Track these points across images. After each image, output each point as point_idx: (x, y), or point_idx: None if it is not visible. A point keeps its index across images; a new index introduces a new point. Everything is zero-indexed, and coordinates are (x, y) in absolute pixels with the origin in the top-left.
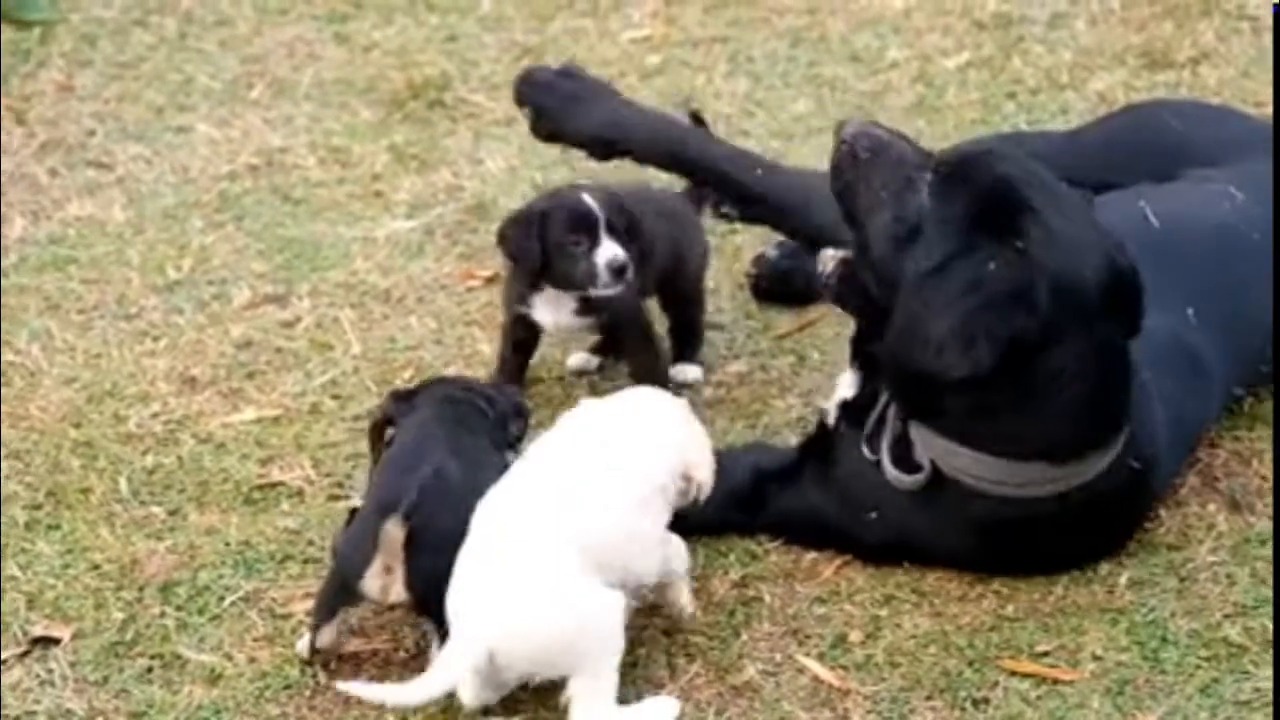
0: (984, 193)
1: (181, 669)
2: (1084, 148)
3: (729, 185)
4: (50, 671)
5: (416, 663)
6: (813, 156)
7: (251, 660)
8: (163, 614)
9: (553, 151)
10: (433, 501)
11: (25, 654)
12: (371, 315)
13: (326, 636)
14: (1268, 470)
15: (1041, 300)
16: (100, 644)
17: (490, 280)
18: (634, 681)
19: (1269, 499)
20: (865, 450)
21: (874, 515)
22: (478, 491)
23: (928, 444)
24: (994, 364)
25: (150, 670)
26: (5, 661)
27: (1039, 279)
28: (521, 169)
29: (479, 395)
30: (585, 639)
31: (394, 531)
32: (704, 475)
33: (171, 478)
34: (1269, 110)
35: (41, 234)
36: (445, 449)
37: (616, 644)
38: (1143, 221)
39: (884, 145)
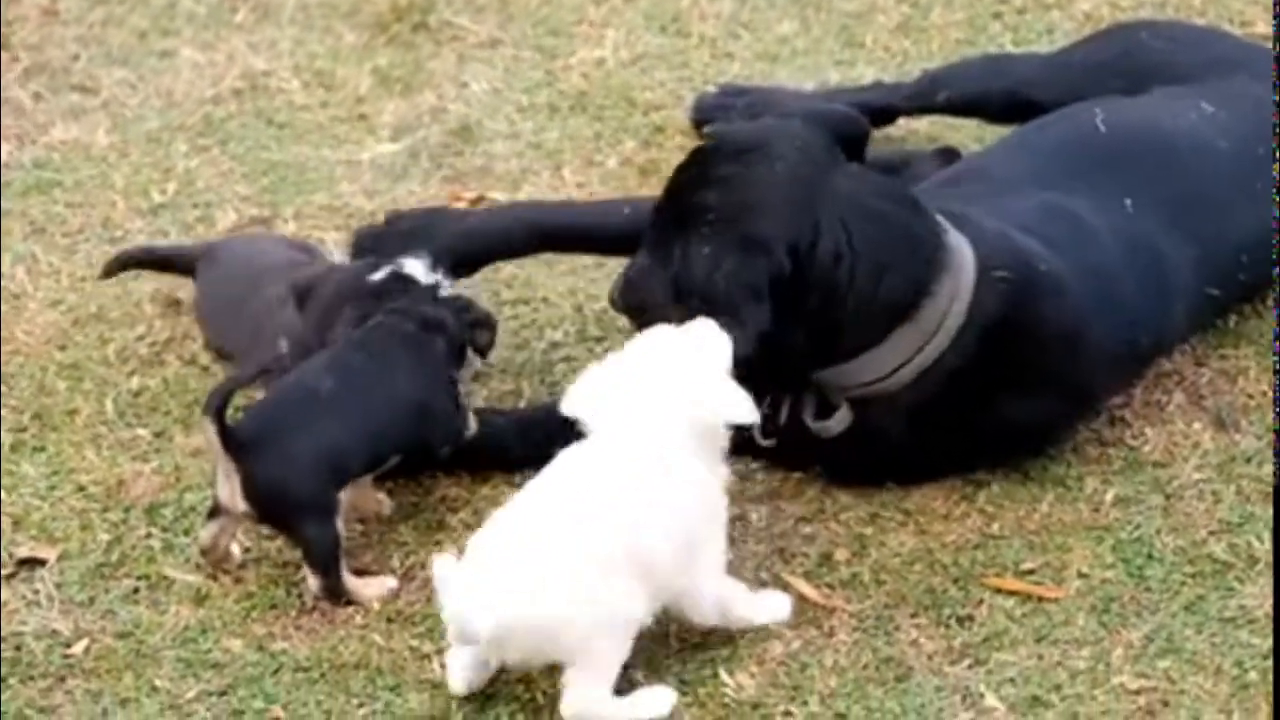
0: (661, 216)
1: (168, 589)
2: (1064, 69)
3: (603, 238)
4: (36, 593)
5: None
6: (798, 77)
7: (237, 581)
8: (149, 535)
9: (537, 73)
10: (275, 410)
11: (11, 575)
12: None
13: (204, 535)
14: (1253, 388)
15: (754, 233)
16: (86, 565)
17: (475, 202)
18: None
19: (1254, 417)
20: (759, 437)
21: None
22: (364, 409)
23: (831, 387)
24: (773, 310)
25: (136, 591)
26: None
27: (734, 221)
28: (505, 91)
29: (421, 313)
30: (596, 632)
31: (207, 431)
32: (734, 412)
33: (157, 400)
34: (1256, 30)
35: (26, 158)
36: (320, 362)
37: (625, 646)
38: (1092, 128)
39: (633, 285)
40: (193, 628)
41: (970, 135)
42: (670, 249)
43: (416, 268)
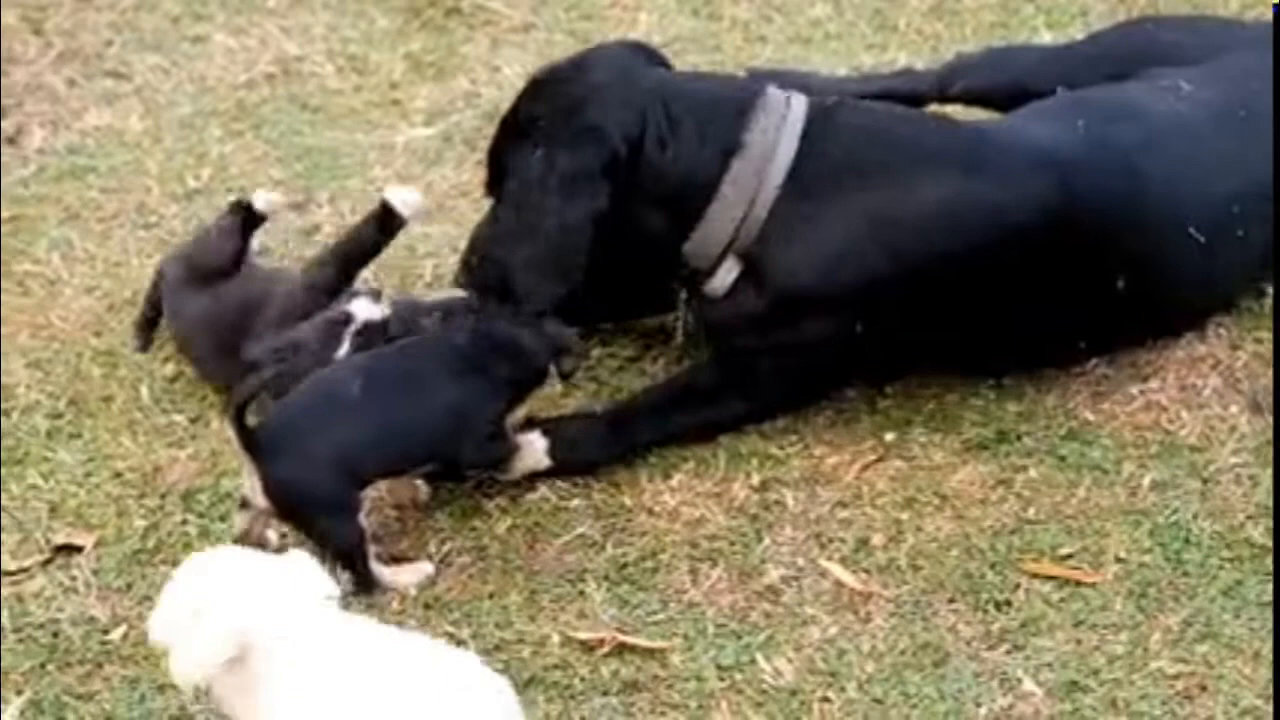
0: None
1: None
2: (1065, 61)
3: None
4: (73, 579)
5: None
6: (830, 61)
7: None
8: (185, 521)
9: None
10: (295, 412)
11: (48, 562)
12: None
13: (238, 524)
14: None
15: (583, 124)
16: (123, 551)
17: None
18: (656, 587)
19: None
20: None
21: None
22: (386, 414)
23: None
24: (613, 194)
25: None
26: (28, 569)
27: (563, 121)
28: None
29: (491, 332)
30: None
31: (229, 432)
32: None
33: (193, 385)
34: None
35: (60, 144)
36: (351, 366)
37: None
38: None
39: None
40: None
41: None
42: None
43: (362, 306)
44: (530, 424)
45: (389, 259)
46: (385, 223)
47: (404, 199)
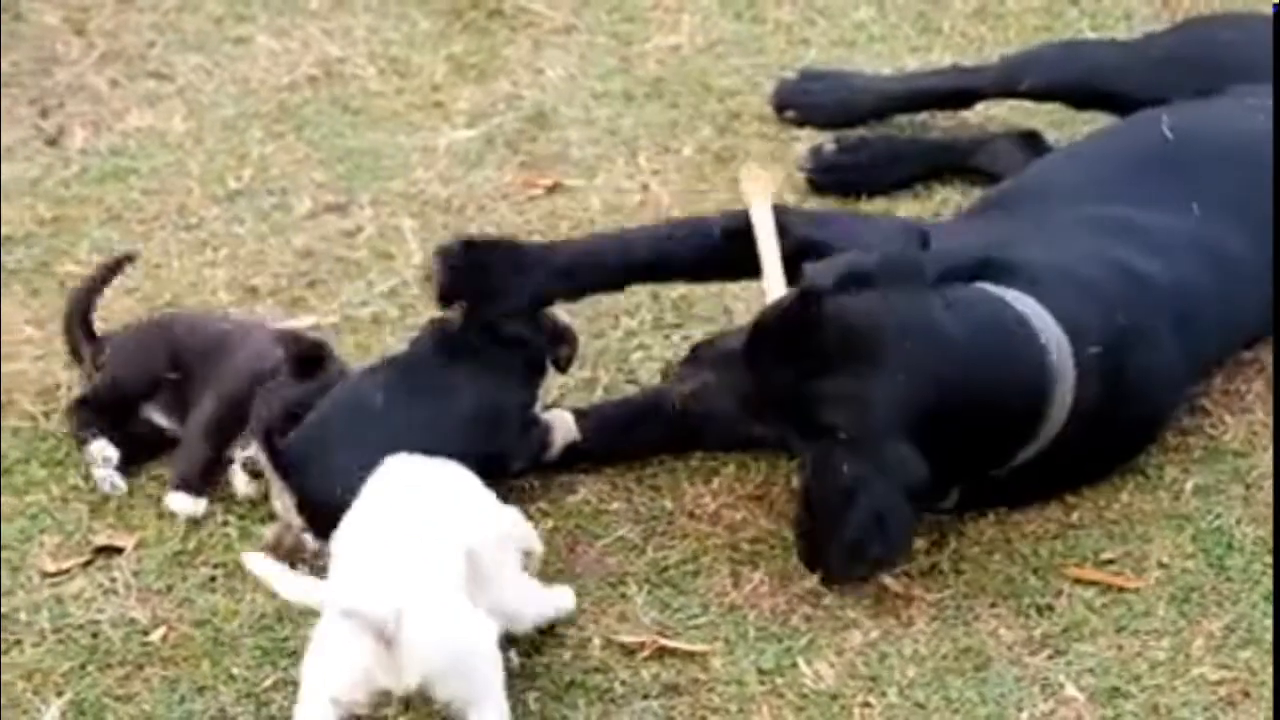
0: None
1: (245, 577)
2: (1141, 61)
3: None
4: (113, 580)
5: None
6: (874, 63)
7: (314, 569)
8: (225, 523)
9: (612, 60)
10: (321, 428)
11: (89, 564)
12: (432, 224)
13: (269, 535)
14: None
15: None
16: (163, 553)
17: (551, 189)
18: (697, 591)
19: None
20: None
21: None
22: (414, 422)
23: None
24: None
25: (213, 579)
26: (69, 571)
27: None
28: (580, 78)
29: (494, 330)
30: (482, 658)
31: (259, 456)
32: (488, 548)
33: None
34: None
35: (102, 145)
36: (370, 375)
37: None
38: (1159, 135)
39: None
40: (269, 616)
41: (1046, 120)
42: (760, 405)
43: None
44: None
45: (430, 260)
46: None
47: None
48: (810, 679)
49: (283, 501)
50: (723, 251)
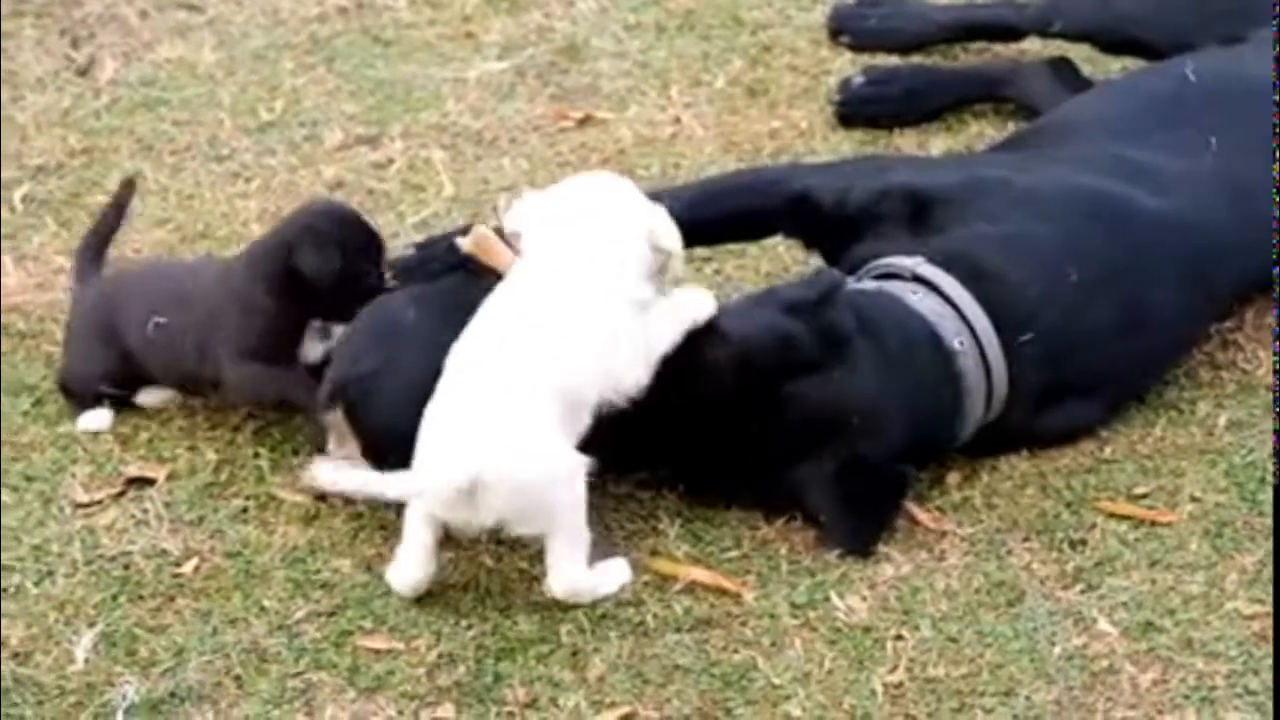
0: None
1: (277, 509)
2: (1170, 6)
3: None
4: (145, 512)
5: None
6: None
7: (346, 501)
8: (257, 455)
9: None
10: (376, 373)
11: (120, 495)
12: (464, 156)
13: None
14: None
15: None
16: (195, 485)
17: (583, 121)
18: (729, 524)
19: None
20: None
21: None
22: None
23: None
24: None
25: (245, 510)
26: (101, 502)
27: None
28: (612, 9)
29: None
30: (558, 495)
31: (333, 420)
32: (671, 240)
33: None
34: None
35: (133, 76)
36: (405, 298)
37: (583, 503)
38: (1182, 80)
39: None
40: (301, 548)
41: (1082, 54)
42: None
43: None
44: None
45: (462, 192)
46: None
47: None
48: (843, 613)
49: (347, 450)
50: None
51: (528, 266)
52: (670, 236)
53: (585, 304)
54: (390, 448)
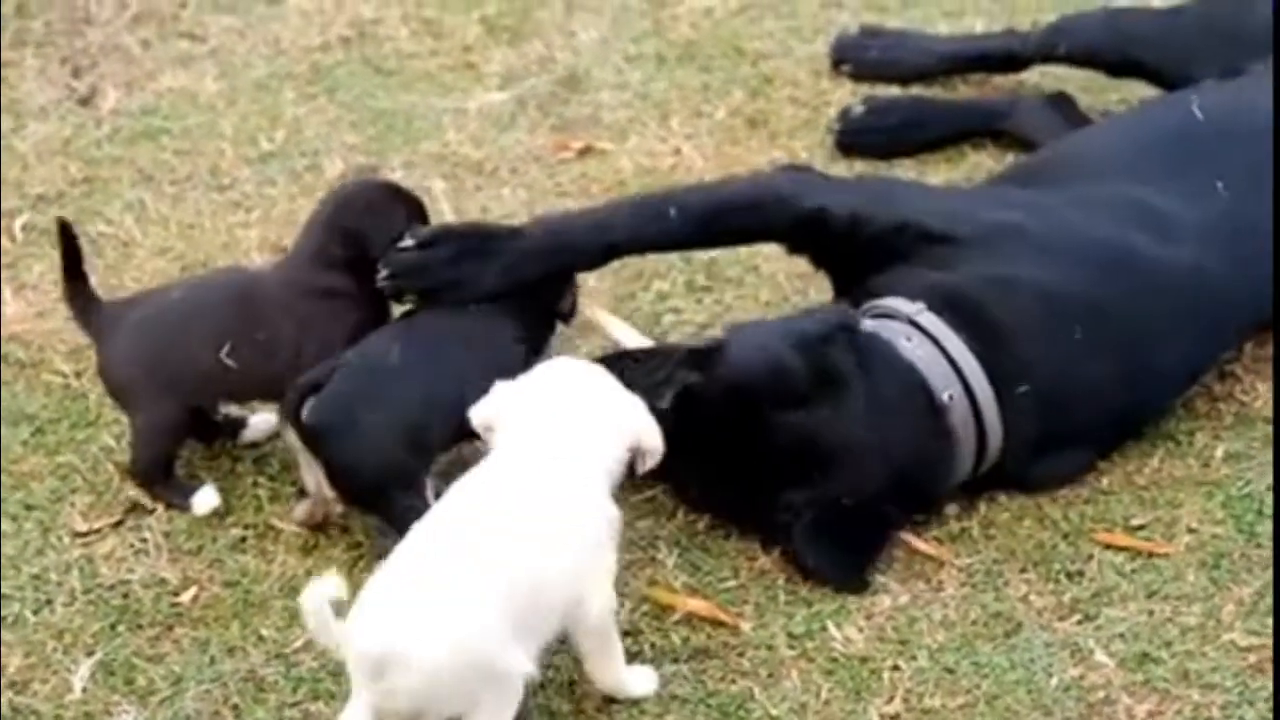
0: None
1: (275, 539)
2: (1174, 32)
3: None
4: (144, 540)
5: None
6: (913, 22)
7: (344, 530)
8: (256, 484)
9: (645, 22)
10: (343, 394)
11: (119, 523)
12: (464, 186)
13: (298, 512)
14: None
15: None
16: (193, 514)
17: (583, 152)
18: (727, 554)
19: None
20: None
21: None
22: (433, 380)
23: None
24: None
25: (244, 540)
26: (100, 530)
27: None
28: (613, 40)
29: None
30: (480, 690)
31: (286, 433)
32: (653, 441)
33: None
34: None
35: (134, 105)
36: (392, 331)
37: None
38: (1189, 117)
39: None
40: (300, 577)
41: (1077, 86)
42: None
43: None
44: None
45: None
46: None
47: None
48: (840, 643)
49: (312, 475)
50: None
51: (503, 462)
52: (654, 438)
53: (563, 510)
54: (353, 480)
